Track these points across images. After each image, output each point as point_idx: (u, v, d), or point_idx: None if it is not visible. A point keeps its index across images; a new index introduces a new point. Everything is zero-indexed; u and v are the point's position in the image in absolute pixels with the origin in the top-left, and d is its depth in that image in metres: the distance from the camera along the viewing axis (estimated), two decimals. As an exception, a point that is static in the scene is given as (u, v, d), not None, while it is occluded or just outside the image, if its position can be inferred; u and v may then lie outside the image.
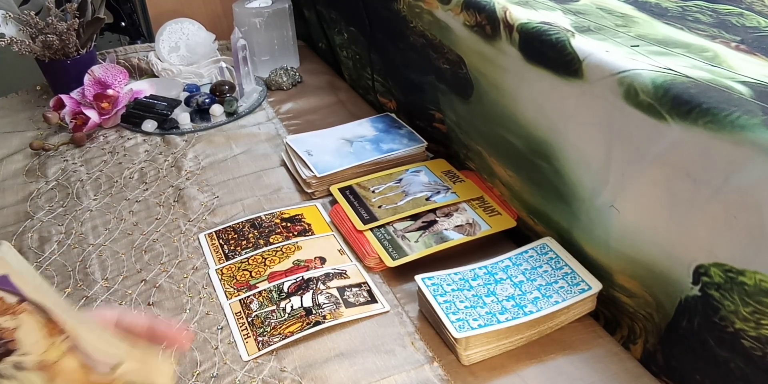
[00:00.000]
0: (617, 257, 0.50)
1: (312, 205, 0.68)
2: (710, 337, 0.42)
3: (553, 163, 0.53)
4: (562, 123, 0.51)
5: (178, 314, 0.55)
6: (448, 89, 0.67)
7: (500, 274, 0.54)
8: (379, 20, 0.77)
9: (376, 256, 0.59)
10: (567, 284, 0.52)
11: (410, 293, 0.57)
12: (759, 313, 0.38)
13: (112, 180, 0.75)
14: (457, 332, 0.48)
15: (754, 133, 0.35)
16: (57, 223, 0.68)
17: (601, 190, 0.49)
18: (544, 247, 0.56)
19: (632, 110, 0.42)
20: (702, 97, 0.38)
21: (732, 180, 0.37)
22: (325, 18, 0.97)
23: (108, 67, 0.89)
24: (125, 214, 0.69)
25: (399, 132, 0.77)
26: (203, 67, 0.97)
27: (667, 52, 0.44)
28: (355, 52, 0.91)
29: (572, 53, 0.46)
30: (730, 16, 0.50)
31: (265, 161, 0.77)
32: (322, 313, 0.53)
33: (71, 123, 0.85)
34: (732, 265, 0.39)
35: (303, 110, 0.90)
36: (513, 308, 0.50)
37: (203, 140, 0.83)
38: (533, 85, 0.52)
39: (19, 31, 0.87)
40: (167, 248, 0.63)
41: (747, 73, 0.40)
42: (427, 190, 0.66)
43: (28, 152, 0.82)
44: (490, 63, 0.57)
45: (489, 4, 0.55)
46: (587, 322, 0.53)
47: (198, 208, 0.69)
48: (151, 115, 0.85)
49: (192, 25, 0.98)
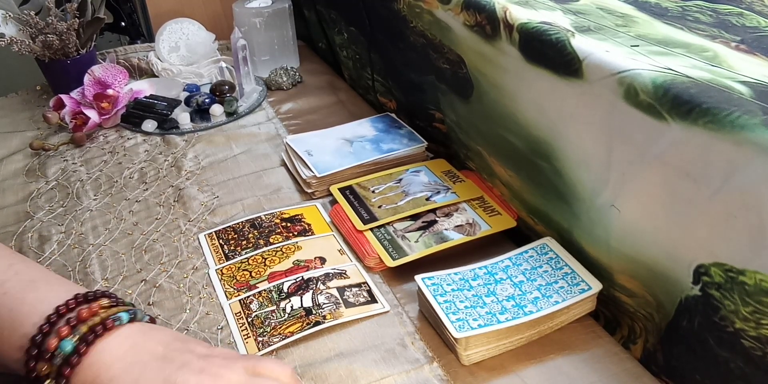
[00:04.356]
0: (617, 257, 0.50)
1: (312, 205, 0.68)
2: (710, 336, 0.42)
3: (553, 163, 0.53)
4: (562, 123, 0.51)
5: (178, 314, 0.55)
6: (448, 89, 0.67)
7: (500, 274, 0.54)
8: (379, 20, 0.77)
9: (376, 256, 0.59)
10: (567, 284, 0.52)
11: (410, 293, 0.57)
12: (759, 312, 0.38)
13: (112, 180, 0.75)
14: (457, 332, 0.48)
15: (754, 133, 0.35)
16: (57, 223, 0.68)
17: (601, 189, 0.49)
18: (544, 247, 0.56)
19: (632, 110, 0.42)
20: (702, 97, 0.38)
21: (732, 180, 0.37)
22: (325, 18, 0.97)
23: (108, 67, 0.89)
24: (125, 214, 0.69)
25: (399, 132, 0.77)
26: (203, 67, 0.97)
27: (667, 52, 0.44)
28: (355, 52, 0.91)
29: (572, 53, 0.46)
30: (730, 16, 0.50)
31: (265, 161, 0.78)
32: (322, 313, 0.53)
33: (71, 123, 0.85)
34: (732, 265, 0.39)
35: (303, 110, 0.90)
36: (513, 308, 0.50)
37: (203, 140, 0.83)
38: (533, 85, 0.52)
39: (19, 31, 0.87)
40: (167, 248, 0.63)
41: (747, 73, 0.40)
42: (427, 190, 0.66)
43: (28, 152, 0.82)
44: (490, 63, 0.57)
45: (489, 4, 0.55)
46: (587, 322, 0.53)
47: (198, 208, 0.69)
48: (151, 115, 0.85)
49: (192, 25, 0.98)
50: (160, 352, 0.40)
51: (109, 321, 0.40)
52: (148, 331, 0.42)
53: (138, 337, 0.41)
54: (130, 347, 0.40)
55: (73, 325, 0.39)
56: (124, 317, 0.41)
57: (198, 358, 0.40)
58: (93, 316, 0.40)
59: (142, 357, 0.40)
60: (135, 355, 0.40)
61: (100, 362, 0.39)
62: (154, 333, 0.42)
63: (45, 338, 0.39)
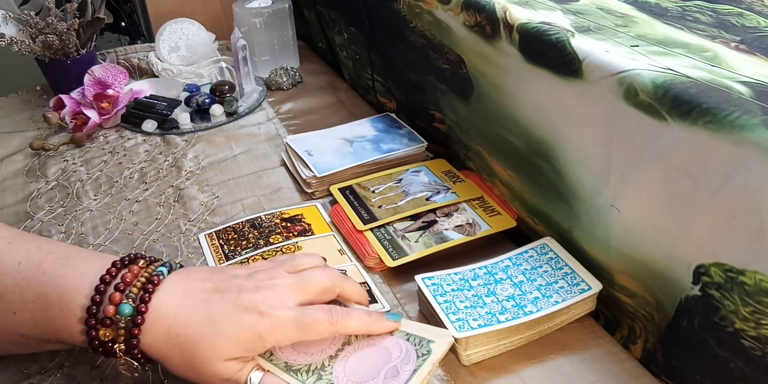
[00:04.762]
0: (617, 257, 0.50)
1: (312, 205, 0.68)
2: (710, 337, 0.42)
3: (553, 163, 0.53)
4: (562, 123, 0.51)
5: (178, 314, 0.55)
6: (448, 89, 0.67)
7: (500, 274, 0.54)
8: (379, 20, 0.77)
9: (376, 256, 0.59)
10: (567, 284, 0.52)
11: (410, 293, 0.57)
12: (759, 312, 0.38)
13: (112, 180, 0.75)
14: (457, 332, 0.48)
15: (753, 133, 0.35)
16: (57, 223, 0.68)
17: (601, 189, 0.49)
18: (544, 247, 0.56)
19: (632, 110, 0.42)
20: (702, 97, 0.38)
21: (732, 180, 0.37)
22: (325, 18, 0.97)
23: (108, 67, 0.89)
24: (125, 214, 0.69)
25: (399, 132, 0.77)
26: (203, 67, 0.97)
27: (667, 52, 0.44)
28: (355, 52, 0.91)
29: (572, 53, 0.46)
30: (729, 16, 0.50)
31: (265, 161, 0.78)
32: (322, 313, 0.53)
33: (71, 123, 0.85)
34: (732, 265, 0.39)
35: (303, 110, 0.90)
36: (513, 308, 0.50)
37: (203, 140, 0.83)
38: (533, 85, 0.52)
39: (19, 31, 0.87)
40: (167, 248, 0.63)
41: (747, 73, 0.40)
42: (427, 190, 0.66)
43: (28, 152, 0.82)
44: (490, 63, 0.57)
45: (489, 4, 0.55)
46: (587, 323, 0.53)
47: (198, 208, 0.69)
48: (151, 115, 0.85)
49: (192, 25, 0.98)
50: (210, 287, 0.42)
51: (154, 277, 0.42)
52: (187, 275, 0.44)
53: (185, 283, 0.43)
54: (183, 293, 0.42)
55: (122, 290, 0.41)
56: (164, 270, 0.44)
57: (246, 279, 0.43)
58: (137, 277, 0.42)
59: (199, 296, 0.42)
60: (192, 297, 0.42)
61: (165, 315, 0.41)
62: (194, 274, 0.44)
63: (99, 307, 0.40)
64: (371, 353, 0.43)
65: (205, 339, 0.40)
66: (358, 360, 0.43)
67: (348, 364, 0.42)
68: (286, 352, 0.43)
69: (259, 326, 0.40)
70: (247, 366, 0.41)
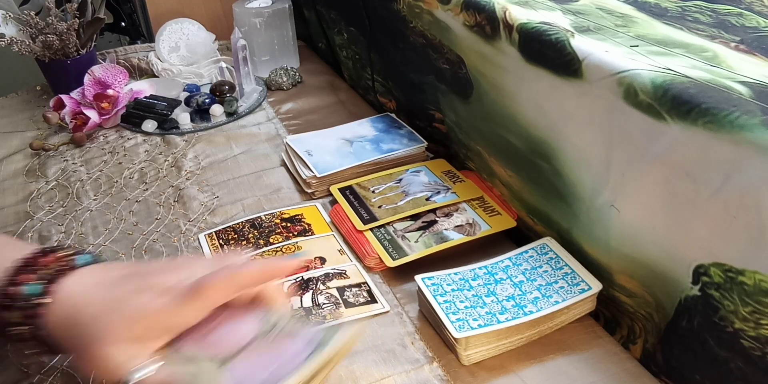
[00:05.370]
0: (617, 257, 0.50)
1: (312, 205, 0.68)
2: (710, 336, 0.42)
3: (553, 163, 0.53)
4: (562, 123, 0.51)
5: (178, 314, 0.55)
6: (448, 89, 0.67)
7: (500, 274, 0.54)
8: (379, 20, 0.77)
9: (376, 256, 0.59)
10: (567, 284, 0.52)
11: (410, 293, 0.57)
12: (758, 313, 0.38)
13: (112, 180, 0.75)
14: (457, 332, 0.48)
15: (753, 133, 0.35)
16: (57, 223, 0.68)
17: (601, 189, 0.49)
18: (544, 247, 0.56)
19: (632, 110, 0.42)
20: (701, 97, 0.38)
21: (732, 180, 0.37)
22: (325, 18, 0.97)
23: (108, 67, 0.89)
24: (125, 214, 0.69)
25: (399, 132, 0.77)
26: (203, 67, 0.97)
27: (667, 52, 0.44)
28: (355, 52, 0.91)
29: (572, 53, 0.46)
30: (729, 16, 0.50)
31: (265, 161, 0.78)
32: (322, 314, 0.53)
33: (71, 123, 0.85)
34: (732, 265, 0.39)
35: (303, 110, 0.90)
36: (513, 308, 0.50)
37: (203, 140, 0.83)
38: (533, 85, 0.52)
39: (19, 31, 0.87)
40: (167, 248, 0.63)
41: (746, 73, 0.40)
42: (427, 190, 0.66)
43: (28, 152, 0.82)
44: (490, 63, 0.57)
45: (489, 4, 0.55)
46: (587, 323, 0.53)
47: (198, 208, 0.69)
48: (151, 115, 0.85)
49: (192, 25, 0.98)
50: (124, 273, 0.43)
51: (70, 263, 0.42)
52: (107, 264, 0.44)
53: (101, 271, 0.43)
54: (96, 278, 0.42)
55: (36, 272, 0.41)
56: (87, 257, 0.44)
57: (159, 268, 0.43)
58: (56, 261, 0.42)
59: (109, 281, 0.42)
60: (102, 282, 0.42)
61: (71, 296, 0.40)
62: (114, 265, 0.45)
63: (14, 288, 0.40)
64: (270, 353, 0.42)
65: (104, 317, 0.39)
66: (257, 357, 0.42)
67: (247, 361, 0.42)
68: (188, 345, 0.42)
69: (153, 303, 0.39)
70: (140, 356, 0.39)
